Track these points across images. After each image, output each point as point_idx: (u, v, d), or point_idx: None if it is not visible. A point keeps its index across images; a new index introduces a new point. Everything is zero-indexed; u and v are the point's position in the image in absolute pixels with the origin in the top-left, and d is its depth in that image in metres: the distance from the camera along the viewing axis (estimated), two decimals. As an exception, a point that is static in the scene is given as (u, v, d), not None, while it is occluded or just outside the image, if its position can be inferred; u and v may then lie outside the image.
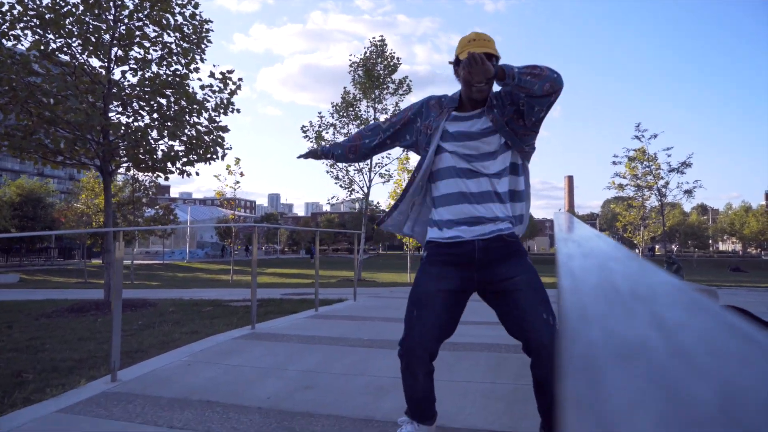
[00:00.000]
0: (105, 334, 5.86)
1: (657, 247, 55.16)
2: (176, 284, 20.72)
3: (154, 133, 8.78)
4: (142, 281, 24.47)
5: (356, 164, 19.37)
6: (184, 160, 9.39)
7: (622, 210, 26.60)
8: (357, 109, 19.33)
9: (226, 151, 9.82)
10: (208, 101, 9.39)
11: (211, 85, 9.30)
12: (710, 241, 72.44)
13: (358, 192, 19.31)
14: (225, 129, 9.39)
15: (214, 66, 9.24)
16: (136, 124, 8.81)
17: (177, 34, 8.90)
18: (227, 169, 26.26)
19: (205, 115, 9.39)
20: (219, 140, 9.43)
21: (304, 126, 19.35)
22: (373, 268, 33.66)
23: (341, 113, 19.40)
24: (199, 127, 9.31)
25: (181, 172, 9.55)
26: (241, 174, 26.40)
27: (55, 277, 29.17)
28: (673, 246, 66.16)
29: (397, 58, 19.43)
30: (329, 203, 19.99)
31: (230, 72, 9.30)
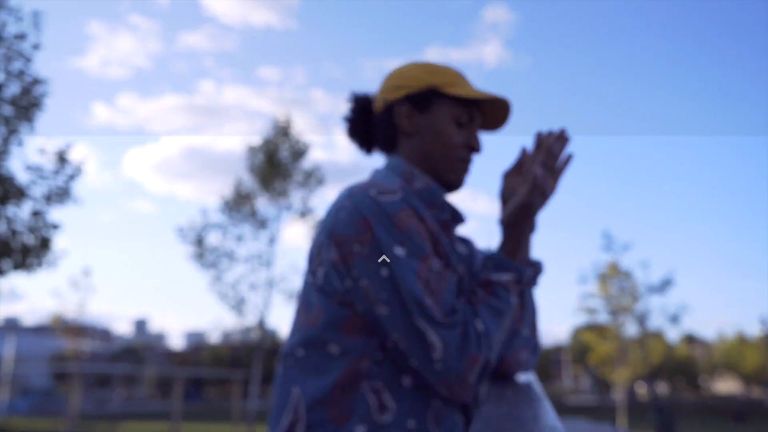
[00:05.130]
0: None
1: (641, 388, 56.33)
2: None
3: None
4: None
5: (253, 277, 18.82)
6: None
7: (596, 341, 27.12)
8: (253, 204, 19.09)
9: (58, 256, 9.11)
10: (35, 187, 8.81)
11: (39, 167, 8.76)
12: (704, 380, 74.93)
13: (251, 315, 18.52)
14: (55, 226, 8.75)
15: (51, 143, 8.76)
16: None
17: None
18: (71, 283, 24.77)
19: (29, 206, 8.75)
20: (45, 241, 8.74)
21: (181, 227, 18.74)
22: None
23: (232, 209, 19.04)
24: (17, 222, 8.60)
25: (-15, 287, 8.69)
26: (91, 291, 24.99)
27: None
28: (660, 388, 67.83)
29: (304, 143, 19.76)
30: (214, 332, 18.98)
31: (68, 149, 8.84)
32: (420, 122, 1.36)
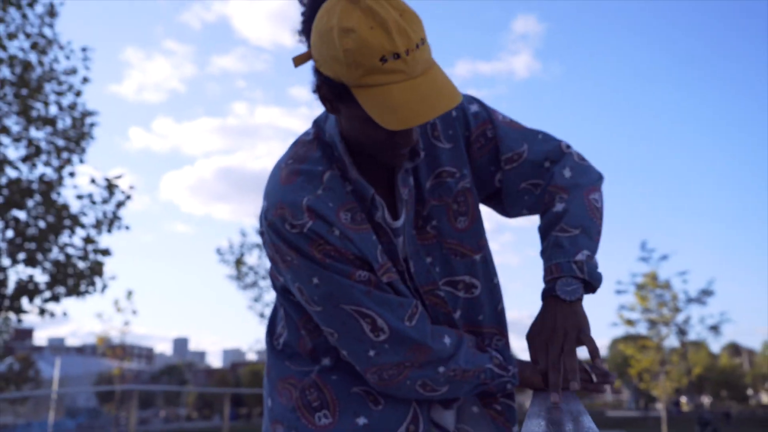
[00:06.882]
0: None
1: (684, 400, 55.20)
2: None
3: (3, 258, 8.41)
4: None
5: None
6: (47, 294, 8.97)
7: (635, 352, 26.78)
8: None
9: (108, 281, 9.49)
10: (86, 215, 9.21)
11: (90, 195, 9.16)
12: (750, 391, 73.16)
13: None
14: (106, 252, 9.13)
15: (95, 170, 9.18)
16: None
17: (49, 127, 8.90)
18: (115, 305, 25.35)
19: (81, 233, 9.15)
20: (97, 267, 9.12)
21: (220, 248, 19.19)
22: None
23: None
24: (70, 249, 9.01)
25: (41, 311, 9.08)
26: (134, 312, 25.47)
27: None
28: (705, 399, 66.43)
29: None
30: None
31: (117, 177, 9.24)
32: (339, 108, 1.15)
